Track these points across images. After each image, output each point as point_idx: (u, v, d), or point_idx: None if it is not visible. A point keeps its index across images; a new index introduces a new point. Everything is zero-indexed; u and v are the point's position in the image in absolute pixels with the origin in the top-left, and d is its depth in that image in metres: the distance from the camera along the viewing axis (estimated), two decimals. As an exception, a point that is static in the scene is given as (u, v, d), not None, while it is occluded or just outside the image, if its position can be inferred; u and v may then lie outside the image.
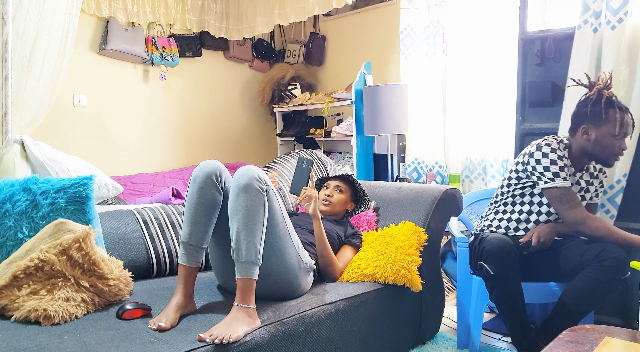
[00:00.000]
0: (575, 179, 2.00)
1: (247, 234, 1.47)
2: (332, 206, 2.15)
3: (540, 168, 1.90)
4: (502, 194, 2.09)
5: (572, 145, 1.99)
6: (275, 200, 1.59)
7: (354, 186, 2.22)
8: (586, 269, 1.77)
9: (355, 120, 3.46)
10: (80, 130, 3.37)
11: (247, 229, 1.47)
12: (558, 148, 1.91)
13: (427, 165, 3.25)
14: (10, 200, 1.65)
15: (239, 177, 1.53)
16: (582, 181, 2.01)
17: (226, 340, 1.29)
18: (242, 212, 1.48)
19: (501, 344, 2.21)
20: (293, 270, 1.64)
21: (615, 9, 2.17)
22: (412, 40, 3.25)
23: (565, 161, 1.92)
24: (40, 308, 1.40)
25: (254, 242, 1.47)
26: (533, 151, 1.93)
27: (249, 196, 1.49)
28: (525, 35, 2.52)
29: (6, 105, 2.07)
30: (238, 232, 1.47)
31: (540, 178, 1.91)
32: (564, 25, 2.45)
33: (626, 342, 1.28)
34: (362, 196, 2.23)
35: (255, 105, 4.43)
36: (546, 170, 1.89)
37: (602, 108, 1.87)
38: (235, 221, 1.49)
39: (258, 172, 1.53)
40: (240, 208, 1.49)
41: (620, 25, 2.17)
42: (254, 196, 1.50)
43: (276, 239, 1.59)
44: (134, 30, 3.49)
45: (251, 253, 1.45)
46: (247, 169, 1.54)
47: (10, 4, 2.02)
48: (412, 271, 1.90)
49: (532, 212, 2.01)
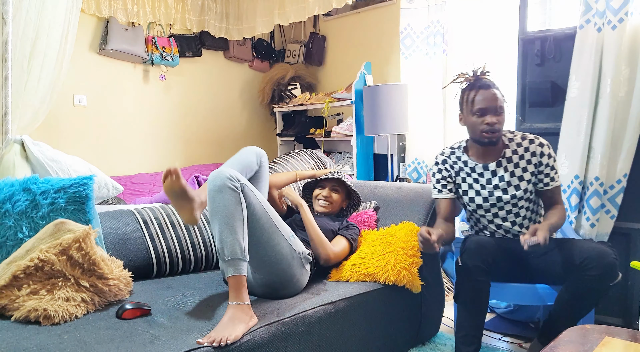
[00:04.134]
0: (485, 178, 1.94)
1: (229, 232, 1.49)
2: (332, 206, 2.17)
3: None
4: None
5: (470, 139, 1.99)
6: (253, 196, 1.61)
7: (345, 185, 2.23)
8: (572, 276, 1.72)
9: (355, 120, 3.46)
10: (80, 130, 3.37)
11: (228, 228, 1.49)
12: (437, 161, 2.05)
13: (427, 166, 3.25)
14: (10, 200, 1.65)
15: (212, 180, 1.56)
16: (501, 172, 1.91)
17: (224, 342, 1.29)
18: (220, 213, 1.51)
19: (501, 344, 2.21)
20: (286, 259, 1.66)
21: (616, 9, 2.17)
22: (412, 40, 3.25)
23: (444, 173, 2.02)
24: (40, 308, 1.40)
25: (237, 239, 1.48)
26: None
27: (224, 195, 1.52)
28: (525, 35, 2.52)
29: (6, 105, 2.07)
30: (220, 232, 1.49)
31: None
32: (564, 25, 2.45)
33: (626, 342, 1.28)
34: (354, 193, 2.24)
35: (255, 105, 4.43)
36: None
37: (460, 94, 1.95)
38: (216, 221, 1.51)
39: (230, 172, 1.56)
40: (218, 209, 1.51)
41: (621, 25, 2.17)
42: (229, 195, 1.52)
43: (261, 232, 1.61)
44: (134, 30, 3.48)
45: (236, 250, 1.47)
46: (219, 171, 1.57)
47: (10, 4, 2.02)
48: (413, 273, 1.90)
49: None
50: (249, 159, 1.86)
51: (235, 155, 1.86)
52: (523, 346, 2.19)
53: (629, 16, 2.17)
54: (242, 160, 1.84)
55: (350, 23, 4.12)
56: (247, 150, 1.91)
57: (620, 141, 2.23)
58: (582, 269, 1.69)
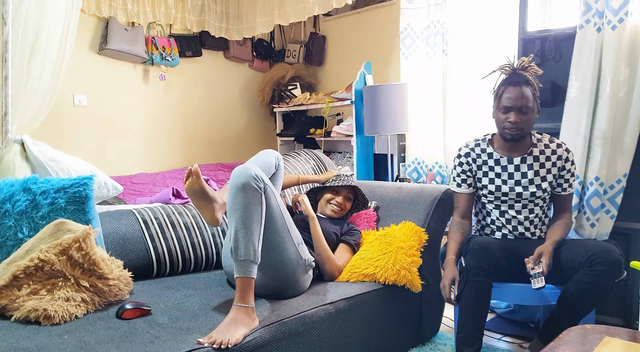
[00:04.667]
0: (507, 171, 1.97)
1: (245, 232, 1.47)
2: (342, 212, 2.19)
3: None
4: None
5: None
6: (273, 198, 1.61)
7: (358, 193, 2.26)
8: (578, 273, 1.74)
9: (355, 120, 3.46)
10: (80, 130, 3.37)
11: (245, 228, 1.48)
12: (459, 154, 2.06)
13: (427, 165, 3.25)
14: (10, 200, 1.65)
15: (236, 176, 1.54)
16: (524, 168, 1.95)
17: (225, 345, 1.29)
18: (240, 211, 1.49)
19: (501, 344, 2.21)
20: (291, 265, 1.66)
21: (616, 9, 2.17)
22: (412, 40, 3.25)
23: (465, 167, 2.02)
24: (40, 308, 1.40)
25: (252, 240, 1.47)
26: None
27: (246, 195, 1.51)
28: (525, 35, 2.52)
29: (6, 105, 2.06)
30: (236, 231, 1.48)
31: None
32: (564, 25, 2.45)
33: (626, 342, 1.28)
34: (362, 205, 2.27)
35: (255, 105, 4.43)
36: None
37: (494, 88, 1.97)
38: (233, 219, 1.50)
39: (256, 171, 1.55)
40: (238, 207, 1.50)
41: (620, 25, 2.17)
42: (251, 194, 1.51)
43: (275, 235, 1.61)
44: (134, 30, 3.48)
45: (249, 252, 1.46)
46: (244, 168, 1.56)
47: (10, 4, 2.01)
48: (413, 272, 1.90)
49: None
50: (269, 161, 1.85)
51: (256, 156, 1.85)
52: (523, 346, 2.19)
53: (629, 16, 2.17)
54: (264, 161, 1.83)
55: (350, 23, 4.12)
56: (268, 153, 1.90)
57: (620, 141, 2.23)
58: (589, 265, 1.71)
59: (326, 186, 2.24)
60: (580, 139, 2.26)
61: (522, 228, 1.99)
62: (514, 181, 1.97)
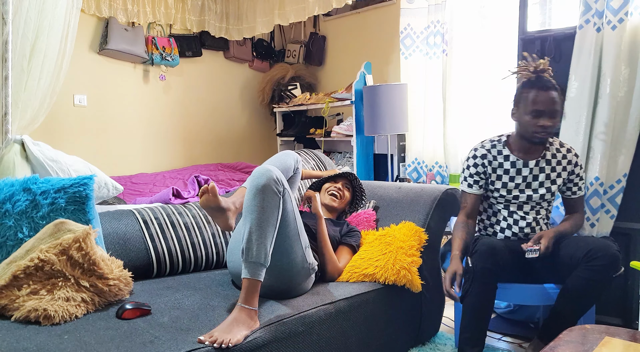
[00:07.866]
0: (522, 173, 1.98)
1: (259, 235, 1.47)
2: (340, 201, 2.18)
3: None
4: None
5: (513, 133, 2.02)
6: (290, 202, 1.61)
7: (354, 188, 2.25)
8: (577, 269, 1.76)
9: (355, 120, 3.46)
10: (80, 130, 3.37)
11: (259, 230, 1.47)
12: (475, 154, 2.02)
13: (427, 165, 3.25)
14: (10, 200, 1.65)
15: (257, 177, 1.53)
16: (536, 171, 1.97)
17: (225, 345, 1.29)
18: (256, 213, 1.49)
19: (501, 344, 2.21)
20: (296, 268, 1.66)
21: (616, 9, 2.17)
22: (412, 41, 3.25)
23: (479, 169, 2.00)
24: (40, 308, 1.40)
25: (264, 243, 1.47)
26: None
27: (265, 197, 1.50)
28: (525, 35, 2.52)
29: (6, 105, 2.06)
30: (250, 232, 1.48)
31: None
32: (564, 25, 2.45)
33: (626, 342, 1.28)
34: (360, 197, 2.26)
35: (255, 105, 4.43)
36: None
37: (519, 89, 1.95)
38: (249, 220, 1.49)
39: (277, 174, 1.54)
40: (255, 208, 1.49)
41: (620, 25, 2.17)
42: (270, 197, 1.50)
43: (285, 238, 1.60)
44: (134, 30, 3.49)
45: (261, 254, 1.46)
46: (266, 169, 1.55)
47: (10, 4, 2.01)
48: (413, 272, 1.90)
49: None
50: (288, 163, 1.85)
51: (275, 157, 1.84)
52: (523, 345, 2.19)
53: (629, 16, 2.17)
54: (283, 163, 1.82)
55: (350, 23, 4.12)
56: (288, 154, 1.89)
57: (620, 141, 2.23)
58: (587, 260, 1.73)
59: (325, 178, 2.25)
60: (580, 138, 2.26)
61: (528, 229, 2.00)
62: (527, 183, 1.98)
